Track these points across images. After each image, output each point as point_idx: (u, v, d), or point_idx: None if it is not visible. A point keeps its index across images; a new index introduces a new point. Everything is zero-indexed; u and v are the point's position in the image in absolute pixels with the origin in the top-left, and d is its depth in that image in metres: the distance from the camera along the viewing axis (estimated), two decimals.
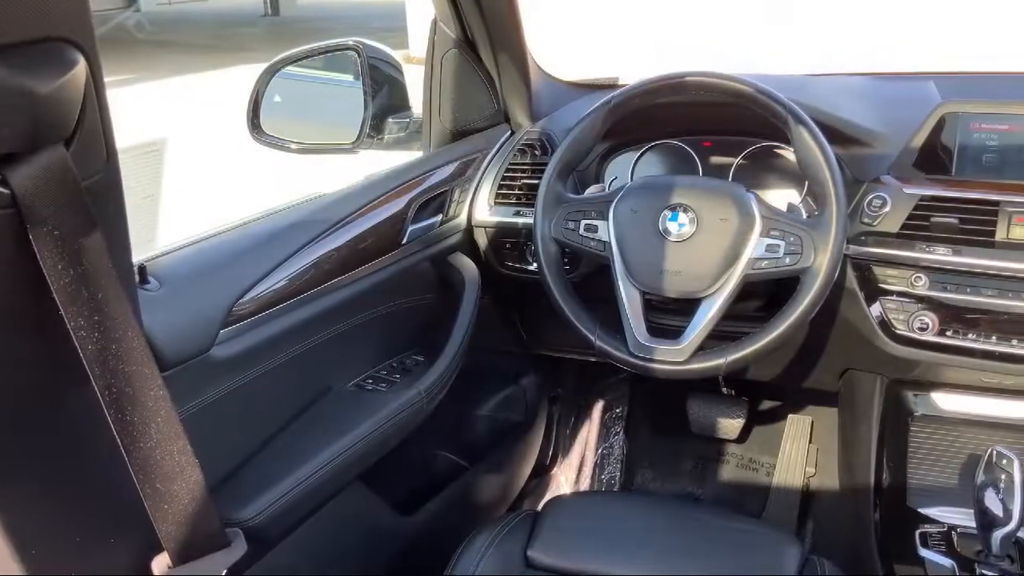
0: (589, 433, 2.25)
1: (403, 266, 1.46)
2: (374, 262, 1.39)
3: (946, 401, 1.50)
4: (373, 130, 1.69)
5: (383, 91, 1.71)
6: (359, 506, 1.45)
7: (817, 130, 1.28)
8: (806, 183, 1.45)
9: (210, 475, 0.87)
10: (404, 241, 1.45)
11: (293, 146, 1.62)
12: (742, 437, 2.16)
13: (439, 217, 1.56)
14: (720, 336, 1.36)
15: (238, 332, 1.13)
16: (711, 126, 1.60)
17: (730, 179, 1.56)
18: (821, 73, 1.82)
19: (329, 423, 1.28)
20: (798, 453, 2.08)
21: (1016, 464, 1.15)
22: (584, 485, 2.19)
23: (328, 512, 1.31)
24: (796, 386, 1.79)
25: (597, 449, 2.22)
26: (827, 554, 1.23)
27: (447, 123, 1.65)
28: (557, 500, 1.37)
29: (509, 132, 1.72)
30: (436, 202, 1.55)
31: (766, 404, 2.21)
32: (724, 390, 2.12)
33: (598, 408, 2.27)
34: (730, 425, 2.09)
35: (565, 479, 2.21)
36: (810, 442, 2.12)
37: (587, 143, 1.43)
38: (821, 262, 1.25)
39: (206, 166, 4.91)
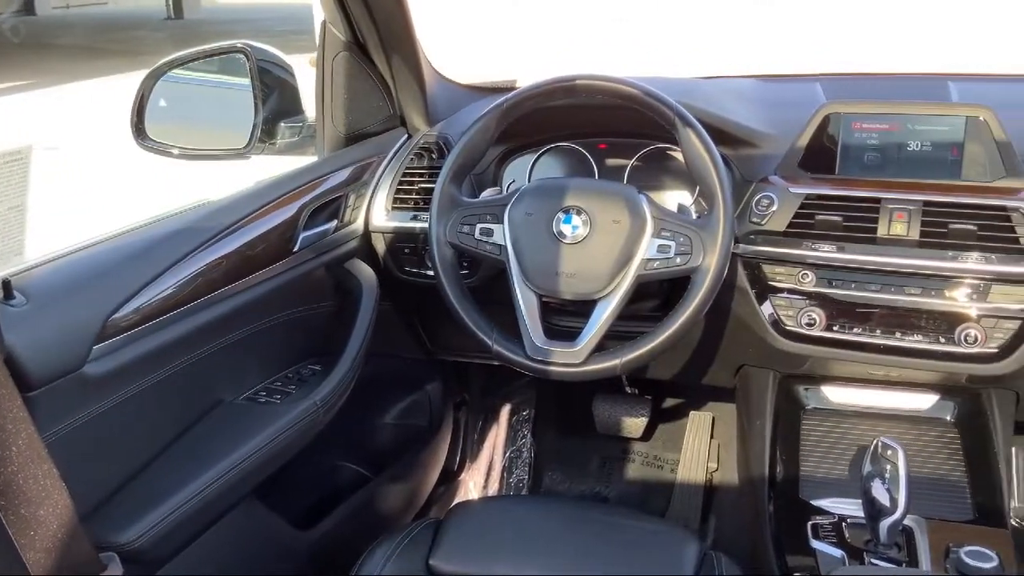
0: (497, 437, 2.24)
1: (296, 274, 1.43)
2: (264, 270, 1.35)
3: (837, 394, 1.54)
4: (265, 135, 1.65)
5: (275, 95, 1.66)
6: (254, 523, 1.41)
7: (703, 132, 1.30)
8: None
9: (86, 497, 0.84)
10: (296, 248, 1.41)
11: (179, 152, 1.57)
12: (647, 435, 2.18)
13: (333, 223, 1.52)
14: (618, 336, 1.37)
15: (115, 347, 1.08)
16: (607, 128, 1.61)
17: (625, 181, 1.57)
18: (712, 76, 1.85)
19: (218, 438, 1.24)
20: (700, 449, 2.11)
21: (901, 454, 1.18)
22: (492, 489, 2.17)
23: (220, 530, 1.27)
24: (696, 383, 1.82)
25: (505, 452, 2.22)
26: (728, 548, 1.25)
27: (341, 127, 1.62)
28: (460, 507, 1.35)
29: (406, 136, 1.70)
30: (330, 208, 1.51)
31: (669, 402, 2.24)
32: (628, 389, 2.14)
33: (505, 411, 2.26)
34: (634, 424, 2.11)
35: (473, 484, 2.20)
36: (712, 438, 2.15)
37: (481, 146, 1.43)
38: (710, 261, 1.27)
39: (84, 174, 4.74)
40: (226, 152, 1.64)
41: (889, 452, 1.18)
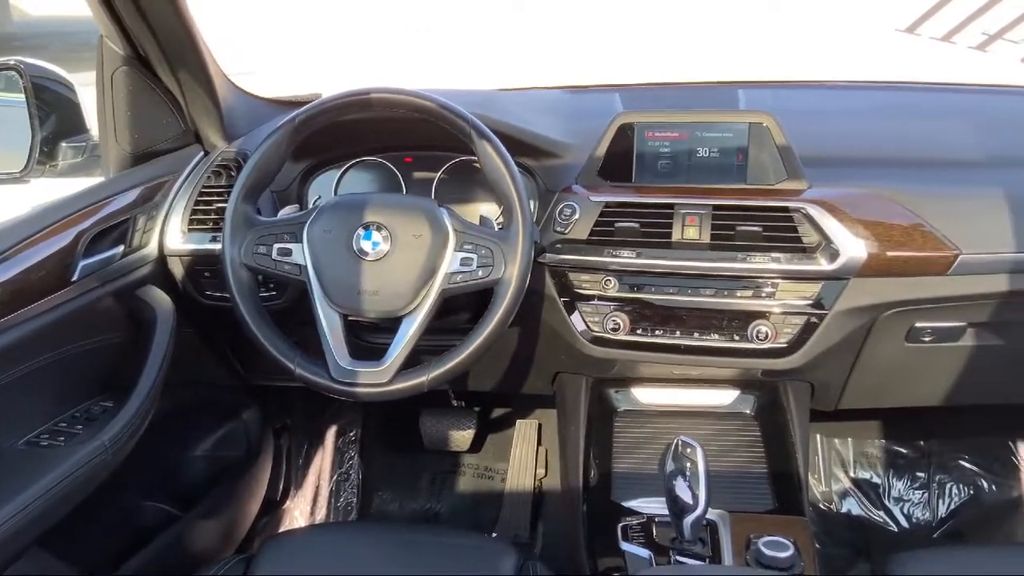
0: (323, 461, 2.17)
1: (78, 305, 1.32)
2: (37, 303, 1.24)
3: (646, 395, 1.58)
4: (45, 156, 1.53)
5: (54, 114, 1.55)
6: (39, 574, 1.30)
7: (499, 144, 1.30)
8: None
9: None
10: (75, 278, 1.31)
11: None
12: (476, 447, 2.17)
13: (120, 248, 1.42)
14: (432, 351, 1.35)
15: None
16: (414, 142, 1.59)
17: (432, 194, 1.56)
18: (514, 88, 1.87)
19: None
20: (527, 457, 2.12)
21: (699, 451, 1.21)
22: (320, 516, 2.11)
23: None
24: (517, 392, 1.83)
25: (332, 477, 2.15)
26: (552, 555, 1.25)
27: (126, 146, 1.52)
28: (273, 540, 1.29)
29: (202, 153, 1.61)
30: (115, 232, 1.41)
31: (497, 412, 2.24)
32: (455, 402, 2.13)
33: (331, 434, 2.20)
34: (462, 437, 2.10)
35: (300, 512, 2.12)
36: (540, 444, 2.17)
37: (274, 163, 1.37)
38: (512, 273, 1.27)
39: None
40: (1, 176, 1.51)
41: (688, 450, 1.22)
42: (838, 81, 1.82)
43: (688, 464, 1.21)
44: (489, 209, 1.55)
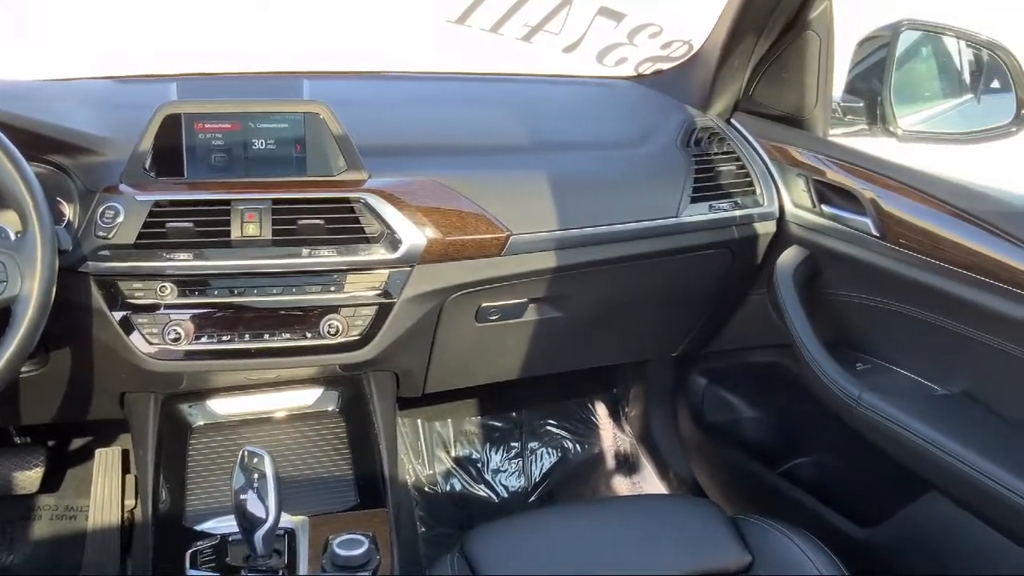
0: None
1: None
2: None
3: (223, 406, 1.49)
4: None
5: None
6: None
7: (5, 141, 1.13)
8: None
9: None
10: None
11: None
12: (52, 486, 1.92)
13: None
14: None
15: None
16: None
17: None
18: (63, 79, 1.65)
19: None
20: (112, 488, 1.91)
21: (267, 460, 1.14)
22: None
23: None
24: (83, 420, 1.63)
25: None
26: None
27: None
28: None
29: None
30: None
31: (76, 443, 2.00)
32: (17, 439, 1.86)
33: None
34: (28, 477, 1.84)
35: None
36: (129, 472, 1.97)
37: None
38: (31, 288, 1.10)
39: None
40: None
41: (256, 460, 1.14)
42: (400, 72, 1.84)
43: (256, 475, 1.14)
44: (10, 219, 1.34)
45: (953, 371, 1.40)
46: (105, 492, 1.91)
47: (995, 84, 1.63)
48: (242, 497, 1.13)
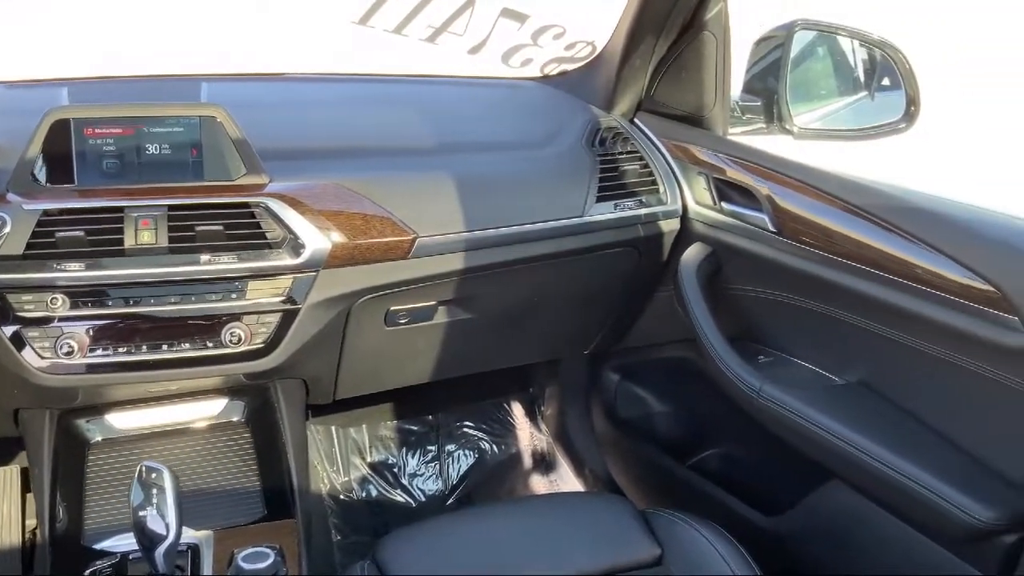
0: None
1: None
2: None
3: (123, 420, 1.44)
4: None
5: None
6: None
7: None
8: None
9: None
10: None
11: None
12: None
13: None
14: None
15: None
16: None
17: None
18: None
19: None
20: (12, 509, 1.83)
21: (166, 475, 1.11)
22: None
23: None
24: None
25: None
26: None
27: None
28: None
29: None
30: None
31: None
32: None
33: None
34: None
35: None
36: (29, 492, 1.89)
37: None
38: None
39: None
40: None
41: (154, 475, 1.11)
42: (302, 74, 1.81)
43: (155, 490, 1.10)
44: None
45: (850, 362, 1.45)
46: (4, 512, 1.83)
47: (886, 82, 1.68)
48: (141, 514, 1.10)
